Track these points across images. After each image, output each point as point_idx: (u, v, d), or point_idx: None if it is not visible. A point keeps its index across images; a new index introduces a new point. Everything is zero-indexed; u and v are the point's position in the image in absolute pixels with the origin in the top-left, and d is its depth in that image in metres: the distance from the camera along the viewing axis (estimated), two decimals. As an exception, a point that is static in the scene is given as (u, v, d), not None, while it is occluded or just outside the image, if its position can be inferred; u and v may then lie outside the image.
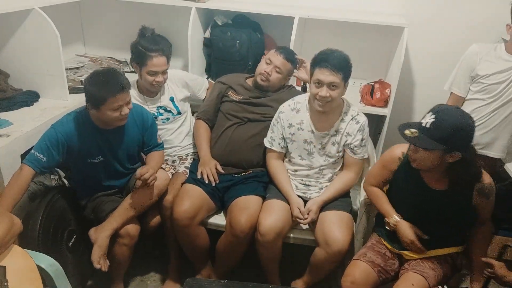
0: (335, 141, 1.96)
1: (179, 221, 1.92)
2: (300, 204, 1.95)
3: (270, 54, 2.16)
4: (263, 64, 2.16)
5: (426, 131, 1.46)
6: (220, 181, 2.06)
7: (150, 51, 2.03)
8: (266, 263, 2.00)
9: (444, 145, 1.44)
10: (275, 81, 2.15)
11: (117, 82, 1.75)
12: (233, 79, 2.26)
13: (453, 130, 1.42)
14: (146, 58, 2.03)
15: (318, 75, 1.80)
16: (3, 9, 1.95)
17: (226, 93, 2.22)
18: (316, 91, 1.82)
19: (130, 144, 1.98)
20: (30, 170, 1.73)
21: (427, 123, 1.46)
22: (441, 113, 1.46)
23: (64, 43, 2.17)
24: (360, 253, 1.74)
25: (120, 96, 1.74)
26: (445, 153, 1.48)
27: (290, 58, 2.15)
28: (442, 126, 1.43)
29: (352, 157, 1.98)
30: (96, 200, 2.00)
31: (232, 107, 2.18)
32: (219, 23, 2.65)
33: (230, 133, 2.13)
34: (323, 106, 1.85)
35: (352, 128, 1.95)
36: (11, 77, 2.24)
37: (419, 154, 1.52)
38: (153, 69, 2.04)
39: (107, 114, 1.76)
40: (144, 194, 1.91)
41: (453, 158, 1.49)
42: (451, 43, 2.63)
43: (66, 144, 1.80)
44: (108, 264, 1.88)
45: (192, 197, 1.97)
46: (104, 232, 1.87)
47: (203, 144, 2.15)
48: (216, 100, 2.22)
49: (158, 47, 2.06)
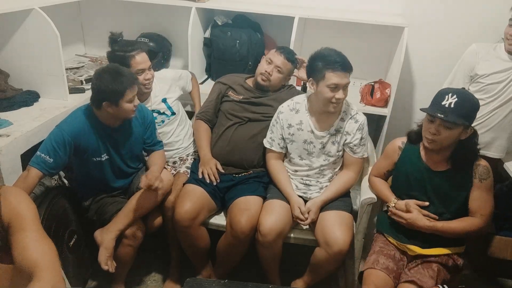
0: (334, 140, 1.97)
1: (181, 222, 1.92)
2: (301, 203, 1.95)
3: (271, 54, 2.16)
4: (264, 64, 2.16)
5: (451, 110, 1.56)
6: (221, 181, 2.06)
7: (129, 51, 2.00)
8: (266, 263, 2.00)
9: (467, 121, 1.59)
10: (276, 81, 2.15)
11: (129, 74, 1.80)
12: (233, 79, 2.26)
13: (473, 106, 1.60)
14: (128, 59, 1.99)
15: (334, 79, 1.78)
16: (3, 9, 1.95)
17: (226, 93, 2.22)
18: (332, 95, 1.81)
19: (134, 141, 1.99)
20: (37, 172, 1.72)
21: (451, 103, 1.56)
22: (460, 93, 1.59)
23: (64, 43, 2.17)
24: (372, 260, 1.73)
25: (134, 86, 1.81)
26: (464, 130, 1.61)
27: (291, 58, 2.15)
28: (465, 104, 1.57)
29: (352, 156, 1.99)
30: (99, 201, 2.00)
31: (232, 106, 2.18)
32: (219, 23, 2.65)
33: (231, 133, 2.13)
34: (337, 107, 1.87)
35: (351, 127, 1.95)
36: (11, 77, 2.23)
37: (442, 133, 1.60)
38: (138, 67, 2.01)
39: (125, 107, 1.79)
40: (149, 195, 1.91)
41: (467, 133, 1.62)
42: (451, 43, 2.63)
43: (73, 143, 1.80)
44: (115, 265, 1.89)
45: (194, 198, 1.97)
46: (110, 234, 1.87)
47: (203, 144, 2.15)
48: (216, 100, 2.22)
49: (135, 46, 2.04)
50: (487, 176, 1.67)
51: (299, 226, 2.00)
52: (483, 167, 1.67)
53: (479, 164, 1.67)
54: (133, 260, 2.02)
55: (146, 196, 1.91)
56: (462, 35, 2.59)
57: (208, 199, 2.01)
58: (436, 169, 1.71)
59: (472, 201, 1.68)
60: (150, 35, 2.80)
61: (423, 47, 2.68)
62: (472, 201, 1.69)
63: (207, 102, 2.25)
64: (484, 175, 1.66)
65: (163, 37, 2.85)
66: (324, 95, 1.83)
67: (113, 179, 2.01)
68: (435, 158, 1.71)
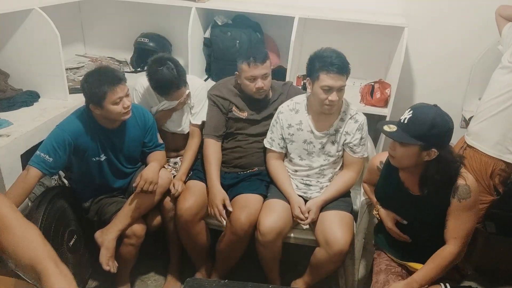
0: (334, 140, 1.96)
1: (183, 217, 1.93)
2: (301, 203, 1.95)
3: (249, 71, 1.97)
4: (249, 83, 2.00)
5: (403, 127, 1.47)
6: (226, 178, 2.08)
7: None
8: (266, 263, 2.00)
9: (420, 141, 1.45)
10: (270, 83, 2.08)
11: (113, 75, 1.77)
12: (226, 91, 2.13)
13: (428, 126, 1.43)
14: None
15: (327, 81, 1.77)
16: (3, 9, 1.95)
17: (230, 109, 2.12)
18: (325, 97, 1.80)
19: (132, 144, 1.99)
20: (37, 172, 1.72)
21: (405, 119, 1.48)
22: (418, 110, 1.48)
23: (64, 43, 2.17)
24: (383, 280, 1.66)
25: (118, 88, 1.75)
26: (421, 150, 1.48)
27: (265, 57, 2.01)
28: (418, 122, 1.45)
29: (352, 156, 1.98)
30: (99, 202, 2.01)
31: (239, 124, 2.13)
32: (219, 23, 2.65)
33: (239, 144, 2.12)
34: (331, 109, 1.86)
35: (351, 127, 1.95)
36: (11, 77, 2.23)
37: (397, 151, 1.52)
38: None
39: (111, 109, 1.76)
40: (147, 194, 1.91)
41: (429, 156, 1.49)
42: (451, 43, 2.63)
43: (73, 143, 1.80)
44: (117, 265, 1.89)
45: (196, 194, 1.99)
46: (110, 234, 1.87)
47: (213, 171, 2.03)
48: (222, 115, 2.12)
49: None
50: (467, 196, 1.51)
51: (299, 226, 2.00)
52: (463, 186, 1.51)
53: (459, 184, 1.52)
54: (135, 259, 2.03)
55: (144, 195, 1.90)
56: (462, 35, 2.59)
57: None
58: (414, 191, 1.61)
59: (447, 221, 1.56)
60: (150, 35, 2.80)
61: (423, 47, 2.68)
62: (447, 221, 1.56)
63: (213, 117, 2.12)
64: (464, 195, 1.51)
65: (163, 37, 2.85)
66: (318, 96, 1.83)
67: (113, 180, 2.01)
68: (410, 178, 1.60)
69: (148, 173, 1.88)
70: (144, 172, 1.89)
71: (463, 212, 1.53)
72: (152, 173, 1.89)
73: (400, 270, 1.71)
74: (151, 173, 1.89)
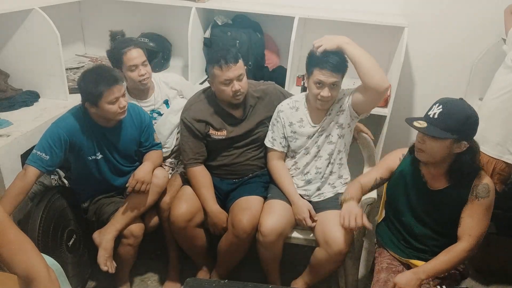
0: (335, 120, 1.93)
1: (176, 223, 1.93)
2: (310, 206, 1.95)
3: (223, 75, 1.85)
4: (225, 87, 1.88)
5: (434, 122, 1.49)
6: (223, 185, 2.07)
7: (121, 48, 2.00)
8: (266, 263, 2.00)
9: (453, 135, 1.47)
10: (247, 86, 1.97)
11: (110, 75, 1.77)
12: (200, 111, 1.98)
13: (462, 119, 1.47)
14: (120, 56, 1.99)
15: (319, 76, 1.79)
16: (3, 9, 1.95)
17: (207, 132, 1.99)
18: (317, 92, 1.82)
19: (128, 143, 1.98)
20: (35, 170, 1.72)
21: (435, 113, 1.49)
22: (448, 104, 1.50)
23: (64, 43, 2.18)
24: (384, 279, 1.66)
25: (115, 88, 1.75)
26: (453, 143, 1.50)
27: (237, 56, 1.89)
28: (452, 115, 1.47)
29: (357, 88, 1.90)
30: (97, 202, 2.01)
31: (221, 145, 2.03)
32: (219, 23, 2.65)
33: (225, 162, 2.06)
34: (324, 105, 1.86)
35: (339, 102, 1.91)
36: (11, 77, 2.23)
37: (427, 144, 1.53)
38: (130, 63, 1.99)
39: (107, 108, 1.76)
40: (144, 194, 1.91)
41: (460, 148, 1.51)
42: (451, 43, 2.63)
43: (68, 140, 1.80)
44: (115, 266, 1.89)
45: (190, 200, 1.97)
46: (108, 234, 1.87)
47: (207, 195, 1.98)
48: (200, 140, 2.00)
49: (129, 42, 2.03)
50: (485, 195, 1.53)
51: (299, 226, 1.99)
52: (483, 184, 1.54)
53: (480, 181, 1.55)
54: (134, 259, 2.03)
55: (141, 195, 1.90)
56: (462, 35, 2.60)
57: None
58: (434, 187, 1.63)
59: (463, 218, 1.57)
60: (150, 35, 2.80)
61: (423, 47, 2.68)
62: (462, 218, 1.57)
63: (189, 143, 1.99)
64: (482, 193, 1.54)
65: (163, 37, 2.85)
66: (311, 91, 1.85)
67: (113, 178, 2.00)
68: (434, 172, 1.62)
69: (139, 173, 1.87)
70: (136, 172, 1.89)
71: (479, 211, 1.55)
72: (144, 172, 1.89)
73: (401, 269, 1.71)
74: (143, 172, 1.88)
